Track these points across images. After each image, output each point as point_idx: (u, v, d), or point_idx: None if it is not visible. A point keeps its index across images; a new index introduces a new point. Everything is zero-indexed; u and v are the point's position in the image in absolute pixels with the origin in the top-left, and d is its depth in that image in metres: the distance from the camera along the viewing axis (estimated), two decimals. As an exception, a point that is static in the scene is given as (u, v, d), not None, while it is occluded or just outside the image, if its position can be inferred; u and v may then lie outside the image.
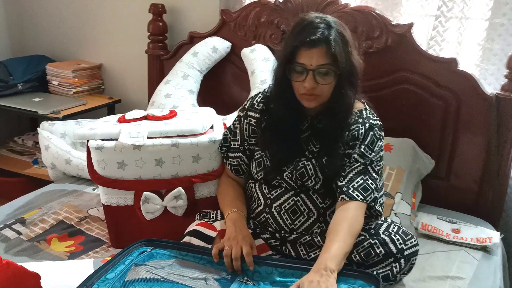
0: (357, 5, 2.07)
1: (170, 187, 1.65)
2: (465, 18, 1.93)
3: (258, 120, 1.56)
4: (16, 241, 1.71)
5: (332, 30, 1.38)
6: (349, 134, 1.46)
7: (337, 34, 1.38)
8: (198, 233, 1.51)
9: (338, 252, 1.29)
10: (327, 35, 1.36)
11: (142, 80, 2.62)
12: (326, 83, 1.39)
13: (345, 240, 1.32)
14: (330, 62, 1.36)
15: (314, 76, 1.37)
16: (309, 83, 1.37)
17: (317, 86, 1.38)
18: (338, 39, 1.37)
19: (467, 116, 1.97)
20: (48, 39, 2.96)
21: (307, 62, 1.37)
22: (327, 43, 1.35)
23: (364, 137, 1.46)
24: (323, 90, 1.40)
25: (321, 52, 1.35)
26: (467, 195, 2.03)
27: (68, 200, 2.00)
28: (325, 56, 1.36)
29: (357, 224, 1.38)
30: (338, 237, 1.32)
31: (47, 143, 2.15)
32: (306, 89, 1.38)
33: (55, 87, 2.73)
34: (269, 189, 1.54)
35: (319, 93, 1.40)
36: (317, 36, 1.35)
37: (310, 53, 1.36)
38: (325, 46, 1.35)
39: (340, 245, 1.30)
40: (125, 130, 1.62)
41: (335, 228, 1.35)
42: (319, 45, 1.35)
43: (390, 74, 2.05)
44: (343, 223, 1.35)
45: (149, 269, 1.27)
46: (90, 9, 2.78)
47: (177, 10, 2.52)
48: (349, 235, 1.34)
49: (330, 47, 1.35)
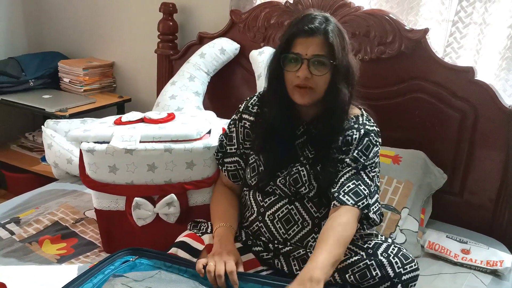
0: (370, 9, 1.97)
1: (162, 193, 1.60)
2: (485, 25, 1.81)
3: (253, 123, 1.51)
4: (7, 241, 1.69)
5: (330, 23, 1.35)
6: (343, 139, 1.41)
7: (335, 27, 1.35)
8: (185, 245, 1.44)
9: (325, 262, 1.23)
10: (325, 26, 1.34)
11: (152, 79, 2.59)
12: (321, 73, 1.33)
13: (333, 250, 1.25)
14: (326, 53, 1.33)
15: (309, 66, 1.33)
16: (302, 73, 1.32)
17: (311, 76, 1.33)
18: (336, 31, 1.35)
19: (484, 129, 1.85)
20: (64, 36, 2.96)
21: (302, 51, 1.33)
22: (324, 33, 1.33)
23: (359, 142, 1.40)
24: (317, 83, 1.35)
25: (318, 41, 1.32)
26: (481, 213, 1.91)
27: (66, 200, 1.98)
28: (322, 46, 1.32)
29: (347, 232, 1.30)
30: (326, 246, 1.26)
31: (50, 142, 2.13)
32: (300, 79, 1.33)
33: (66, 84, 2.73)
34: (263, 197, 1.48)
35: (313, 85, 1.35)
36: (315, 24, 1.33)
37: (307, 42, 1.33)
38: (322, 36, 1.32)
39: (328, 254, 1.24)
40: (118, 133, 1.57)
41: (324, 237, 1.29)
42: (316, 34, 1.32)
43: (403, 81, 1.94)
44: (332, 231, 1.29)
45: (125, 282, 1.22)
46: (105, 6, 2.76)
47: (188, 9, 2.47)
48: (338, 243, 1.27)
49: (328, 36, 1.32)
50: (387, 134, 1.97)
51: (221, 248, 1.35)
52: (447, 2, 1.87)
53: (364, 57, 1.97)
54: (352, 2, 1.98)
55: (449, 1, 1.86)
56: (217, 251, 1.34)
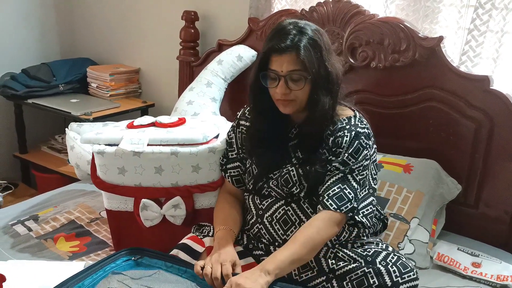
0: (385, 16, 1.95)
1: (169, 195, 1.64)
2: (502, 33, 1.76)
3: (249, 128, 1.54)
4: (25, 237, 1.77)
5: (304, 36, 1.35)
6: (334, 140, 1.42)
7: (308, 40, 1.35)
8: (186, 246, 1.48)
9: (283, 258, 1.29)
10: (296, 41, 1.34)
11: (174, 85, 2.65)
12: (298, 88, 1.37)
13: (297, 249, 1.31)
14: (301, 68, 1.35)
15: (286, 82, 1.36)
16: (281, 89, 1.37)
17: (290, 91, 1.37)
18: (308, 45, 1.35)
19: (500, 140, 1.80)
20: (94, 43, 3.08)
21: (278, 68, 1.36)
22: (296, 49, 1.34)
23: (350, 145, 1.40)
24: (297, 95, 1.38)
25: (291, 58, 1.34)
26: (497, 226, 1.85)
27: (84, 200, 2.05)
28: (295, 62, 1.35)
29: (320, 235, 1.34)
30: (292, 244, 1.32)
31: (72, 144, 2.22)
32: (279, 95, 1.38)
33: (94, 90, 2.83)
34: (261, 200, 1.51)
35: (294, 98, 1.39)
36: (286, 43, 1.34)
37: (281, 59, 1.35)
38: (294, 52, 1.34)
39: (290, 252, 1.30)
40: (127, 136, 1.63)
41: (295, 235, 1.35)
42: (288, 51, 1.34)
43: (417, 90, 1.91)
44: (304, 232, 1.34)
45: (121, 279, 1.26)
46: (132, 15, 2.86)
47: (210, 17, 2.53)
48: (304, 245, 1.32)
49: (299, 53, 1.33)
50: (401, 143, 1.97)
51: (219, 251, 1.37)
52: (463, 10, 1.83)
53: (378, 65, 1.95)
54: (367, 10, 1.97)
55: (465, 9, 1.83)
56: (215, 253, 1.37)
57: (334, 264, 1.39)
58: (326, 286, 1.39)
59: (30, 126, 2.93)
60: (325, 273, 1.39)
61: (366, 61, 1.98)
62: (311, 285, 1.40)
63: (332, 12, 2.02)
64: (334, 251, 1.42)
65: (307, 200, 1.45)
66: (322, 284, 1.39)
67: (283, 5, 2.26)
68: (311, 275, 1.41)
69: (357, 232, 1.45)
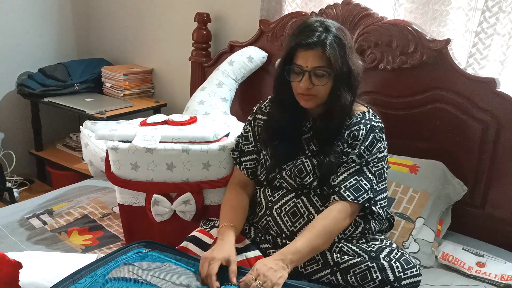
0: (393, 19, 1.99)
1: (179, 191, 1.69)
2: (509, 36, 1.78)
3: (265, 121, 1.60)
4: (39, 230, 1.83)
5: (330, 34, 1.41)
6: (350, 133, 1.48)
7: (334, 38, 1.41)
8: (196, 239, 1.53)
9: (303, 247, 1.36)
10: (323, 39, 1.40)
11: (186, 86, 2.71)
12: (321, 84, 1.43)
13: (314, 239, 1.38)
14: (325, 64, 1.41)
15: (310, 77, 1.42)
16: (304, 84, 1.42)
17: (313, 86, 1.43)
18: (334, 42, 1.41)
19: (507, 141, 1.81)
20: (109, 44, 3.15)
21: (303, 64, 1.42)
22: (322, 46, 1.39)
23: (365, 138, 1.47)
24: (318, 91, 1.44)
25: (317, 54, 1.40)
26: (503, 227, 1.86)
27: (97, 196, 2.11)
28: (321, 58, 1.40)
29: (336, 226, 1.41)
30: (310, 233, 1.38)
31: (87, 141, 2.28)
32: (302, 89, 1.43)
33: (108, 89, 2.90)
34: (272, 191, 1.56)
35: (315, 93, 1.44)
36: (313, 39, 1.40)
37: (307, 55, 1.41)
38: (320, 48, 1.40)
39: (308, 242, 1.37)
40: (140, 133, 1.68)
41: (312, 225, 1.41)
42: (315, 47, 1.40)
43: (424, 92, 1.94)
44: (321, 222, 1.41)
45: (132, 269, 1.30)
46: (146, 16, 2.92)
47: (222, 19, 2.58)
48: (321, 234, 1.39)
49: (325, 50, 1.39)
50: (409, 144, 1.99)
51: (215, 248, 1.40)
52: (471, 13, 1.86)
53: (386, 67, 1.98)
54: (376, 13, 2.01)
55: (472, 12, 1.85)
56: (209, 250, 1.40)
57: (339, 258, 1.43)
58: (330, 279, 1.43)
59: (46, 124, 3.01)
60: (330, 266, 1.43)
61: (375, 63, 2.01)
62: (316, 277, 1.44)
63: (341, 15, 2.06)
64: (340, 245, 1.46)
65: (318, 192, 1.50)
66: (327, 277, 1.43)
67: (294, 7, 2.30)
68: (316, 268, 1.45)
69: (362, 228, 1.49)
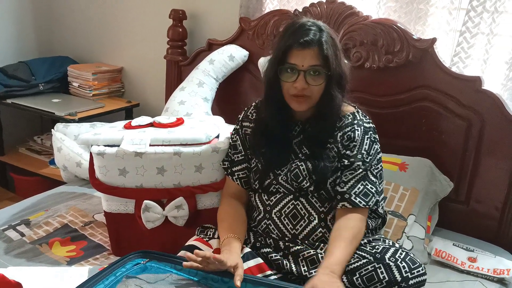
0: (378, 18, 1.99)
1: (171, 196, 1.62)
2: (492, 35, 1.82)
3: (254, 127, 1.57)
4: (18, 242, 1.71)
5: (324, 33, 1.40)
6: (344, 135, 1.47)
7: (328, 37, 1.40)
8: (195, 248, 1.46)
9: (341, 257, 1.34)
10: (319, 37, 1.38)
11: (161, 85, 2.62)
12: (317, 84, 1.40)
13: (346, 248, 1.36)
14: (321, 63, 1.38)
15: (305, 76, 1.39)
16: (300, 84, 1.39)
17: (307, 87, 1.39)
18: (329, 41, 1.40)
19: (491, 138, 1.86)
20: (74, 41, 3.00)
21: (298, 63, 1.38)
22: (319, 44, 1.38)
23: (362, 141, 1.47)
24: (313, 91, 1.41)
25: (313, 53, 1.38)
26: (487, 221, 1.91)
27: (76, 203, 2.00)
28: (317, 57, 1.38)
29: (360, 234, 1.42)
30: (341, 243, 1.36)
31: (60, 145, 2.16)
32: (297, 90, 1.40)
33: (76, 89, 2.76)
34: (268, 196, 1.53)
35: (309, 94, 1.41)
36: (310, 37, 1.37)
37: (303, 54, 1.38)
38: (317, 47, 1.38)
39: (344, 250, 1.35)
40: (128, 137, 1.60)
41: (339, 235, 1.39)
42: (311, 46, 1.37)
43: (410, 90, 1.96)
44: (347, 232, 1.39)
45: (139, 283, 1.23)
46: (114, 12, 2.80)
47: (198, 16, 2.51)
48: (351, 244, 1.38)
49: (322, 48, 1.37)
50: (394, 142, 2.00)
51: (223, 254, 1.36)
52: (455, 13, 1.89)
53: (372, 66, 1.99)
54: (361, 12, 2.00)
55: (456, 11, 1.88)
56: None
57: None
58: None
59: (7, 127, 2.82)
60: None
61: (360, 62, 2.01)
62: None
63: (326, 13, 2.04)
64: None
65: (316, 194, 1.48)
66: None
67: (275, 5, 2.27)
68: None
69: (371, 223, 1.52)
